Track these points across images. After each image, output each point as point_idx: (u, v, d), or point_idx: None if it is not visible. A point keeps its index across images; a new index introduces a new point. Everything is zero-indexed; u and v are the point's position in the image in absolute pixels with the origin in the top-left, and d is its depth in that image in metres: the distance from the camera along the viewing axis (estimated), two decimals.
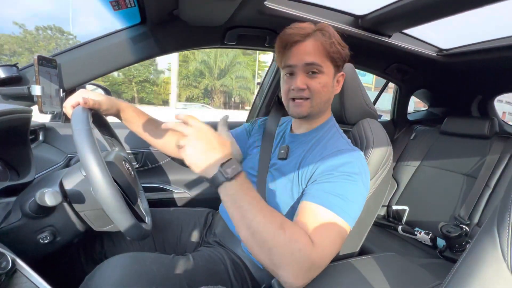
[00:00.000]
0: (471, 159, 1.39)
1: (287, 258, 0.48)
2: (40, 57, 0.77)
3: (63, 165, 0.90)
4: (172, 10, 0.88)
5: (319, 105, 0.68)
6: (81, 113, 0.56)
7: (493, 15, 0.99)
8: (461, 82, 1.67)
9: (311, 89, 0.66)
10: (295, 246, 0.48)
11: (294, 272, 0.49)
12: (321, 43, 0.65)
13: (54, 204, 0.52)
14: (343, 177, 0.59)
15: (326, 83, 0.67)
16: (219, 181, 0.48)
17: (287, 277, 0.49)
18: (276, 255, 0.48)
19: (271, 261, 0.49)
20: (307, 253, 0.49)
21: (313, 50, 0.65)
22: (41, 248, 0.58)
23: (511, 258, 0.31)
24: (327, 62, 0.66)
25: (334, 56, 0.66)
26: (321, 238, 0.52)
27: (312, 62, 0.65)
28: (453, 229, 1.14)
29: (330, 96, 0.70)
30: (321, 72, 0.66)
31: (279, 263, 0.48)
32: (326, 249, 0.52)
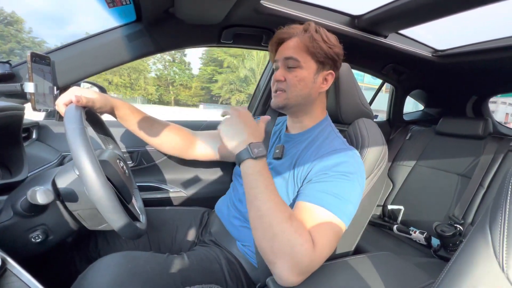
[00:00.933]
0: (465, 159, 1.40)
1: (287, 249, 0.49)
2: (34, 54, 0.76)
3: (57, 164, 0.89)
4: (167, 8, 0.87)
5: (295, 98, 0.69)
6: (74, 111, 0.55)
7: (488, 17, 0.99)
8: (456, 83, 1.68)
9: (288, 81, 0.69)
10: (298, 239, 0.49)
11: (291, 266, 0.49)
12: (301, 39, 0.68)
13: (46, 202, 0.51)
14: (339, 176, 0.59)
15: (304, 77, 0.68)
16: (243, 157, 0.54)
17: (282, 269, 0.49)
18: (278, 242, 0.49)
19: (271, 248, 0.50)
20: (308, 251, 0.50)
21: (293, 46, 0.68)
22: (32, 247, 0.57)
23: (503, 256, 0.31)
24: (307, 57, 0.68)
25: (315, 51, 0.67)
26: (319, 238, 0.52)
27: (290, 56, 0.68)
28: (447, 229, 1.15)
29: (309, 91, 0.70)
30: (299, 66, 0.68)
31: (279, 252, 0.49)
32: (324, 248, 0.53)
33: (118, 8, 0.82)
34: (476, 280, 0.32)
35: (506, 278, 0.31)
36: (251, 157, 0.53)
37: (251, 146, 0.54)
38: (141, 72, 27.34)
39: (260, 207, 0.51)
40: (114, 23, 0.94)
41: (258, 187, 0.52)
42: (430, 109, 2.00)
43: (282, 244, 0.49)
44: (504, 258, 0.31)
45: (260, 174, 0.53)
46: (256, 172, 0.53)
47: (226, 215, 0.79)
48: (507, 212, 0.32)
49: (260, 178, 0.53)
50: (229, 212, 0.79)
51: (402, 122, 1.92)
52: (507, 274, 0.31)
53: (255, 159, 0.53)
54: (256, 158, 0.53)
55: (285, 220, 0.50)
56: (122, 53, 0.94)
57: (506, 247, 0.31)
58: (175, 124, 0.88)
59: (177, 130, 0.87)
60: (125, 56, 0.94)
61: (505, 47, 1.16)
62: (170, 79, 23.40)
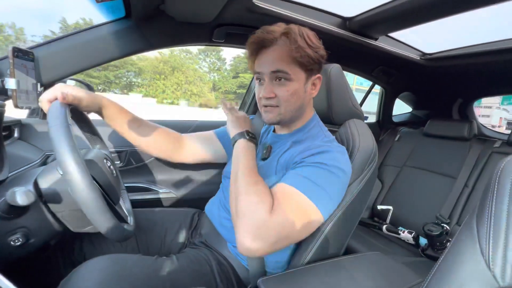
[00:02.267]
0: (452, 160, 1.44)
1: (245, 207, 0.55)
2: (16, 49, 0.73)
3: (40, 163, 0.86)
4: (158, 4, 0.86)
5: (289, 112, 0.67)
6: (58, 108, 0.53)
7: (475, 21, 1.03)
8: (443, 86, 1.73)
9: (279, 97, 0.65)
10: (256, 198, 0.55)
11: (246, 227, 0.52)
12: (286, 50, 0.62)
13: (26, 203, 0.49)
14: (319, 164, 0.60)
15: (295, 90, 0.65)
16: (237, 138, 0.72)
17: (239, 231, 0.53)
18: (240, 201, 0.57)
19: (235, 208, 0.57)
20: (262, 212, 0.53)
21: (278, 57, 0.62)
22: (12, 251, 0.54)
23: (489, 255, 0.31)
24: (296, 68, 0.63)
25: (302, 61, 0.62)
26: (280, 208, 0.54)
27: (277, 70, 0.63)
28: (435, 228, 1.17)
29: (302, 102, 0.68)
30: (288, 79, 0.64)
31: (239, 212, 0.55)
32: (282, 217, 0.54)
33: (106, 4, 0.80)
34: (463, 278, 0.33)
35: (493, 276, 0.31)
36: (245, 137, 0.71)
37: (246, 132, 0.72)
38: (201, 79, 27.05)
39: (237, 173, 0.62)
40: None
41: (241, 159, 0.65)
42: (418, 111, 2.05)
43: (242, 202, 0.56)
44: (490, 256, 0.31)
45: (245, 150, 0.68)
46: (245, 149, 0.68)
47: (217, 216, 0.78)
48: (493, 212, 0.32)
49: (244, 152, 0.67)
50: (220, 213, 0.78)
51: (392, 124, 1.95)
52: (493, 272, 0.31)
53: (247, 140, 0.71)
54: (248, 139, 0.71)
55: (251, 182, 0.59)
56: (111, 50, 0.91)
57: (493, 246, 0.31)
58: (163, 127, 0.86)
59: (165, 133, 0.85)
60: (113, 53, 0.92)
61: (490, 52, 1.20)
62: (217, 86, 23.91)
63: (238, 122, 0.77)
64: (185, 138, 0.89)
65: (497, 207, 0.32)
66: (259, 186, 0.59)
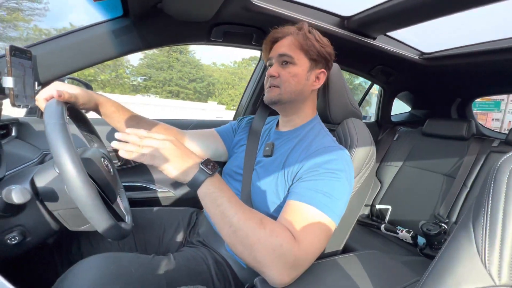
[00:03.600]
0: (450, 160, 1.44)
1: (269, 255, 0.49)
2: (13, 47, 0.73)
3: (37, 162, 0.86)
4: (156, 3, 0.86)
5: (288, 93, 0.70)
6: (55, 107, 0.53)
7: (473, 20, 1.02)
8: (442, 85, 1.73)
9: (281, 77, 0.70)
10: (276, 241, 0.49)
11: (278, 269, 0.49)
12: (295, 37, 0.70)
13: (22, 201, 0.48)
14: (328, 174, 0.59)
15: (297, 73, 0.70)
16: (200, 180, 0.50)
17: (271, 274, 0.49)
18: (258, 251, 0.49)
19: (254, 258, 0.49)
20: (289, 248, 0.49)
21: (287, 44, 0.71)
22: (9, 249, 0.54)
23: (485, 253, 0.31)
24: (301, 54, 0.70)
25: (308, 49, 0.69)
26: (304, 234, 0.52)
27: (284, 53, 0.70)
28: (433, 227, 1.18)
29: (302, 88, 0.71)
30: (292, 63, 0.70)
31: (262, 260, 0.49)
32: (310, 244, 0.52)
33: (103, 2, 0.79)
34: (460, 277, 0.33)
35: (489, 274, 0.31)
36: (209, 174, 0.51)
37: (203, 165, 0.51)
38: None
39: (231, 222, 0.50)
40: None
41: (223, 203, 0.50)
42: (417, 110, 2.05)
43: (262, 251, 0.49)
44: (486, 255, 0.31)
45: (221, 189, 0.52)
46: (217, 188, 0.51)
47: None
48: (489, 211, 0.32)
49: (222, 193, 0.51)
50: None
51: (390, 123, 1.95)
52: (489, 271, 0.31)
53: (213, 176, 0.51)
54: (213, 174, 0.52)
55: (257, 226, 0.50)
56: (108, 49, 0.91)
57: (489, 244, 0.31)
58: (163, 123, 0.86)
59: (164, 129, 0.85)
60: (111, 52, 0.92)
61: (489, 51, 1.20)
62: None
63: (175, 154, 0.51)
64: (185, 134, 0.88)
65: (493, 205, 0.32)
66: (269, 225, 0.51)
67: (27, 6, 15.09)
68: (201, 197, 0.52)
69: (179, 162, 0.50)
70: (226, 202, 0.50)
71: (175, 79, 22.54)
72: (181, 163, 0.50)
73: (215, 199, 0.51)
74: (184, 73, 23.61)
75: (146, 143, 0.50)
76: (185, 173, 0.50)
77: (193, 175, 0.50)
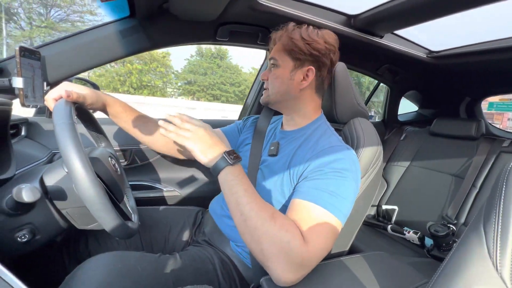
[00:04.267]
0: (458, 160, 1.41)
1: (276, 248, 0.49)
2: (23, 48, 0.74)
3: (46, 161, 0.87)
4: (162, 3, 0.86)
5: (274, 94, 0.74)
6: (63, 107, 0.54)
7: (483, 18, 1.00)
8: (450, 84, 1.70)
9: (269, 80, 0.74)
10: (285, 236, 0.49)
11: (283, 265, 0.49)
12: (281, 41, 0.72)
13: (32, 200, 0.49)
14: (334, 173, 0.58)
15: (279, 75, 0.72)
16: (221, 166, 0.55)
17: (275, 269, 0.49)
18: (265, 244, 0.49)
19: (261, 251, 0.50)
20: (297, 246, 0.49)
21: (275, 48, 0.74)
22: (19, 247, 0.55)
23: (497, 256, 0.31)
24: (285, 56, 0.71)
25: (290, 49, 0.70)
26: (312, 235, 0.52)
27: (271, 57, 0.74)
28: (441, 229, 1.16)
29: (286, 88, 0.72)
30: (276, 65, 0.73)
31: (269, 253, 0.49)
32: (318, 245, 0.52)
33: (111, 3, 0.80)
34: (470, 280, 0.32)
35: (500, 278, 0.30)
36: (229, 164, 0.55)
37: (226, 154, 0.56)
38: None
39: (243, 211, 0.52)
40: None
41: (238, 192, 0.53)
42: (425, 110, 2.02)
43: (269, 244, 0.49)
44: (498, 258, 0.31)
45: (239, 179, 0.55)
46: (235, 177, 0.55)
47: (220, 215, 0.78)
48: (501, 212, 0.32)
49: (239, 182, 0.54)
50: (223, 212, 0.78)
51: (397, 123, 1.93)
52: (501, 274, 0.30)
53: (233, 165, 0.55)
54: (234, 164, 0.55)
55: (268, 219, 0.51)
56: (115, 49, 0.92)
57: (500, 247, 0.31)
58: None
59: None
60: (118, 52, 0.93)
61: (499, 49, 1.18)
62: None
63: (206, 140, 0.57)
64: None
65: (505, 207, 0.31)
66: (280, 220, 0.51)
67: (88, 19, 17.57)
68: (220, 182, 0.56)
69: (207, 148, 0.57)
70: (241, 191, 0.53)
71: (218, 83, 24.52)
72: (208, 149, 0.56)
73: (232, 186, 0.54)
74: (225, 78, 25.32)
75: (185, 126, 0.59)
76: (209, 158, 0.56)
77: (216, 161, 0.55)
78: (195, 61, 24.81)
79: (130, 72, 18.41)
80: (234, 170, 0.55)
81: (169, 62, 21.98)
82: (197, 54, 24.85)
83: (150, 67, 20.22)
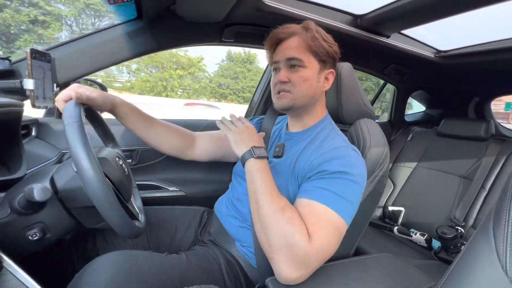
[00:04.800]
0: (467, 161, 1.39)
1: (281, 241, 0.51)
2: (33, 51, 0.76)
3: (56, 161, 0.89)
4: (169, 5, 0.87)
5: (301, 98, 0.69)
6: (73, 108, 0.55)
7: (492, 17, 0.99)
8: (458, 84, 1.67)
9: (292, 82, 0.68)
10: (291, 229, 0.51)
11: (286, 259, 0.50)
12: (303, 38, 0.68)
13: (43, 199, 0.50)
14: (339, 174, 0.58)
15: (308, 77, 0.68)
16: (246, 157, 0.61)
17: (279, 263, 0.50)
18: (272, 234, 0.52)
19: (268, 241, 0.52)
20: (301, 242, 0.50)
21: (295, 45, 0.68)
22: (30, 245, 0.56)
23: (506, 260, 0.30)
24: (310, 56, 0.68)
25: (317, 50, 0.67)
26: (317, 233, 0.52)
27: (293, 57, 0.67)
28: (449, 231, 1.14)
29: (314, 91, 0.70)
30: (302, 66, 0.68)
31: (274, 244, 0.51)
32: (322, 242, 0.52)
33: (119, 5, 0.82)
34: (479, 284, 0.32)
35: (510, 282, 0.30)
36: (253, 156, 0.60)
37: (253, 149, 0.62)
38: None
39: (258, 199, 0.56)
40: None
41: (257, 182, 0.58)
42: (432, 110, 1.99)
43: (276, 235, 0.51)
44: (507, 262, 0.30)
45: (260, 171, 0.59)
46: (256, 169, 0.59)
47: (225, 215, 0.79)
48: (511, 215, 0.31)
49: (259, 174, 0.59)
50: (228, 212, 0.78)
51: (404, 123, 1.91)
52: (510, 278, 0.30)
53: (256, 158, 0.60)
54: (257, 157, 0.60)
55: (278, 210, 0.53)
56: (123, 51, 0.93)
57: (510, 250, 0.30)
58: (175, 125, 0.87)
59: (176, 130, 0.86)
60: (126, 54, 0.94)
61: (509, 48, 1.15)
62: None
63: (243, 135, 0.66)
64: (197, 136, 0.89)
65: None
66: (289, 213, 0.53)
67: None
68: (245, 172, 0.61)
69: (241, 141, 0.64)
70: (260, 182, 0.58)
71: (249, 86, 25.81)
72: (241, 142, 0.64)
73: (252, 176, 0.59)
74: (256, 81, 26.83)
75: (236, 123, 0.69)
76: (239, 149, 0.63)
77: (243, 152, 0.62)
78: (226, 66, 25.97)
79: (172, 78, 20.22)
80: (257, 163, 0.60)
81: (204, 67, 23.53)
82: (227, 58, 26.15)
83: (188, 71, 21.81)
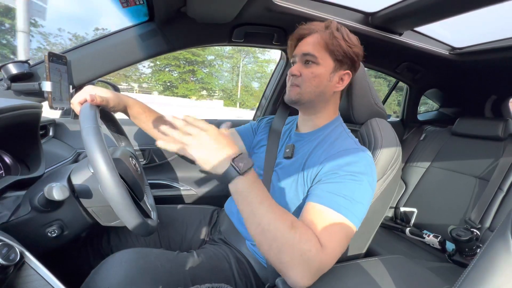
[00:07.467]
0: (483, 161, 1.35)
1: (296, 259, 0.48)
2: (51, 54, 0.78)
3: (72, 160, 0.92)
4: (180, 7, 0.88)
5: (308, 93, 0.69)
6: (88, 111, 0.56)
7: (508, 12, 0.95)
8: (475, 82, 1.62)
9: (303, 77, 0.68)
10: (305, 247, 0.49)
11: (302, 273, 0.49)
12: (321, 36, 0.67)
13: (62, 198, 0.52)
14: (349, 177, 0.58)
15: (319, 74, 0.68)
16: (231, 176, 0.48)
17: (295, 277, 0.49)
18: (285, 254, 0.48)
19: (279, 260, 0.49)
20: (316, 255, 0.49)
21: (312, 42, 0.68)
22: (49, 242, 0.59)
23: None
24: (326, 54, 0.67)
25: (334, 49, 0.66)
26: (329, 240, 0.52)
27: (308, 52, 0.68)
28: (463, 233, 1.11)
29: (323, 89, 0.69)
30: (316, 62, 0.67)
31: (288, 263, 0.48)
32: (334, 250, 0.52)
33: (131, 8, 0.83)
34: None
35: None
36: (239, 173, 0.48)
37: (235, 162, 0.48)
38: None
39: (259, 222, 0.48)
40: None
41: (253, 203, 0.49)
42: (446, 109, 1.94)
43: (290, 254, 0.48)
44: None
45: (252, 189, 0.49)
46: (247, 188, 0.49)
47: (236, 214, 0.79)
48: None
49: (253, 193, 0.49)
50: (239, 211, 0.79)
51: (416, 122, 1.87)
52: None
53: (243, 175, 0.49)
54: (244, 173, 0.49)
55: (288, 230, 0.48)
56: (135, 52, 0.96)
57: None
58: None
59: None
60: (138, 55, 0.96)
61: None
62: None
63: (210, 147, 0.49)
64: None
65: None
66: (299, 229, 0.50)
67: None
68: (231, 192, 0.50)
69: (211, 156, 0.48)
70: (257, 202, 0.49)
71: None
72: (212, 157, 0.48)
73: (246, 197, 0.49)
74: None
75: (188, 130, 0.50)
76: (216, 167, 0.49)
77: (223, 170, 0.49)
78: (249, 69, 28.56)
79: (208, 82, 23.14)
80: (246, 180, 0.49)
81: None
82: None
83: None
